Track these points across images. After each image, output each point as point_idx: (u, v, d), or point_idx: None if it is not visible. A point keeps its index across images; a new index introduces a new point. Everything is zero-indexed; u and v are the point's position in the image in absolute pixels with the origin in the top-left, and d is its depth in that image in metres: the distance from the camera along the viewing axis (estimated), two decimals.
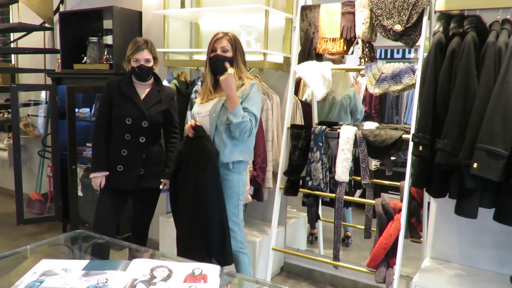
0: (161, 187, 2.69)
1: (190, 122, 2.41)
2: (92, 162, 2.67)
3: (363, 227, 2.84)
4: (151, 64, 2.59)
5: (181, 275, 1.26)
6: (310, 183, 2.76)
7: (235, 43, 2.37)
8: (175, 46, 3.45)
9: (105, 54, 3.79)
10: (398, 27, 2.46)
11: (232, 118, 2.24)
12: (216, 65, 2.35)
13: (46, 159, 4.53)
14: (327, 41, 2.79)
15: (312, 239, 3.54)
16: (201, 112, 2.42)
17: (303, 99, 3.34)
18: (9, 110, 4.65)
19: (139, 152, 2.60)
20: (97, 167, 2.61)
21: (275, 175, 3.02)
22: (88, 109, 4.03)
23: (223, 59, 2.33)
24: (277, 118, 3.12)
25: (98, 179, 2.61)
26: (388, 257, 2.53)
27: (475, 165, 1.94)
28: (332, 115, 3.29)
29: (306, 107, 3.25)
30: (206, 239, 2.34)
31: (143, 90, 2.63)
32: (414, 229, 2.63)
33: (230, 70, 2.25)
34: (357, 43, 2.74)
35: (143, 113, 2.57)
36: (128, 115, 2.56)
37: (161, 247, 3.46)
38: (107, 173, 2.61)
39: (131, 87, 2.61)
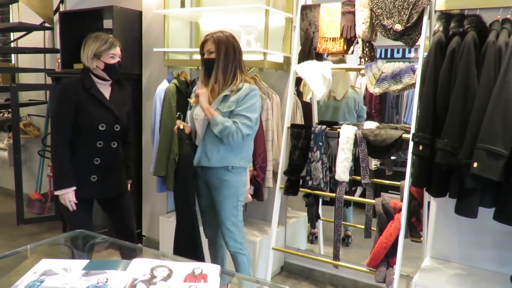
0: (129, 188, 2.65)
1: (177, 125, 2.46)
2: (58, 178, 2.35)
3: (363, 226, 2.85)
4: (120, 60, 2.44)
5: (181, 274, 1.26)
6: (310, 182, 2.76)
7: (219, 43, 2.34)
8: (175, 45, 3.45)
9: None
10: (398, 27, 2.46)
11: (213, 128, 2.28)
12: (208, 67, 2.39)
13: (46, 158, 4.53)
14: (327, 40, 2.79)
15: (312, 238, 3.55)
16: (200, 114, 2.40)
17: (307, 99, 3.34)
18: (9, 109, 4.65)
19: (112, 159, 2.45)
20: (65, 183, 2.33)
21: (275, 174, 3.02)
22: None
23: (207, 61, 2.39)
24: (277, 117, 3.12)
25: (69, 194, 2.33)
26: (388, 257, 2.53)
27: (475, 164, 1.94)
28: (338, 117, 3.29)
29: (306, 106, 3.25)
30: (177, 239, 2.46)
31: (106, 91, 2.43)
32: (414, 229, 2.63)
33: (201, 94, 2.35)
34: (357, 43, 2.74)
35: (115, 117, 2.40)
36: (101, 120, 2.34)
37: (161, 247, 3.46)
38: (75, 187, 2.35)
39: (97, 89, 2.39)
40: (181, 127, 2.44)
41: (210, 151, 2.34)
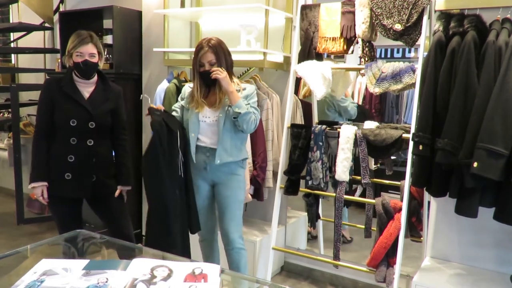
0: (116, 194, 2.51)
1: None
2: (31, 171, 2.37)
3: (363, 226, 2.84)
4: (96, 59, 2.37)
5: (181, 274, 1.26)
6: (310, 182, 2.76)
7: (218, 52, 2.35)
8: (175, 45, 3.45)
9: (105, 53, 3.79)
10: (398, 26, 2.46)
11: (238, 109, 2.29)
12: (210, 79, 2.35)
13: None
14: (327, 40, 2.79)
15: (309, 237, 3.55)
16: (210, 116, 2.41)
17: (300, 97, 3.34)
18: (9, 109, 4.65)
19: (88, 157, 2.39)
20: (37, 177, 2.35)
21: (275, 174, 3.02)
22: None
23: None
24: (277, 117, 3.12)
25: (39, 189, 2.35)
26: (388, 256, 2.53)
27: (475, 164, 1.94)
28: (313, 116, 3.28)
29: (306, 106, 3.25)
30: (147, 226, 2.35)
31: (86, 89, 2.41)
32: (415, 229, 2.63)
33: (221, 73, 2.30)
34: (357, 43, 2.74)
35: (89, 114, 2.36)
36: (72, 116, 2.33)
37: None
38: (46, 183, 2.36)
39: (73, 86, 2.38)
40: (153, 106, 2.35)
41: (229, 147, 2.40)
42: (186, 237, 2.42)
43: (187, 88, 2.55)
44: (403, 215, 2.44)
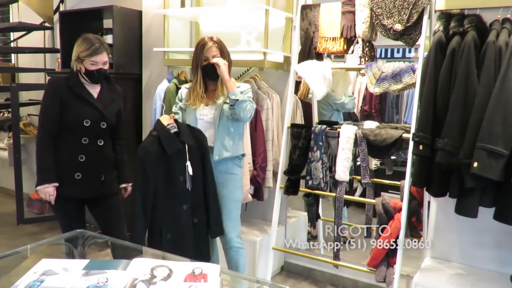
0: (125, 194, 2.58)
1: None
2: (40, 173, 2.35)
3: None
4: (108, 66, 2.40)
5: (182, 274, 1.26)
6: (310, 182, 2.76)
7: (222, 48, 2.45)
8: (175, 45, 3.45)
9: None
10: (398, 26, 2.46)
11: (235, 96, 2.31)
12: (212, 73, 2.40)
13: None
14: (327, 40, 2.79)
15: (309, 237, 3.54)
16: (207, 114, 2.46)
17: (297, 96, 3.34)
18: (9, 109, 4.65)
19: (98, 157, 2.41)
20: (48, 179, 2.33)
21: (275, 174, 3.02)
22: None
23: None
24: (277, 117, 3.12)
25: (50, 189, 2.35)
26: (388, 256, 2.53)
27: (475, 164, 1.94)
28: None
29: (306, 106, 3.25)
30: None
31: (93, 90, 2.42)
32: (415, 228, 2.63)
33: (221, 60, 2.37)
34: (357, 42, 2.74)
35: (101, 114, 2.38)
36: (86, 116, 2.34)
37: None
38: (57, 184, 2.36)
39: (83, 87, 2.38)
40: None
41: (227, 142, 2.43)
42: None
43: (183, 89, 2.58)
44: (403, 215, 2.44)
